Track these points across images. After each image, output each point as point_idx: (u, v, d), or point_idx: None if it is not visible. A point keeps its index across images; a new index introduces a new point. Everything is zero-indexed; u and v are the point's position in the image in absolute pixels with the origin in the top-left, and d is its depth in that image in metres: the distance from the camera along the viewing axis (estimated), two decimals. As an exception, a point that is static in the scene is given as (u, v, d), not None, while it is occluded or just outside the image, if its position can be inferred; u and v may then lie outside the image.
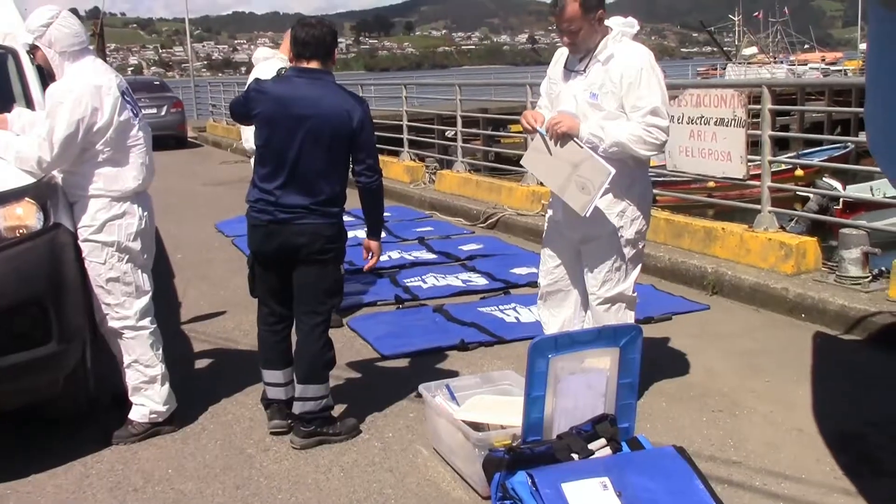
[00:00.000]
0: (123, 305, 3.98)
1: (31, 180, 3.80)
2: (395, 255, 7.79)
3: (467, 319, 5.67)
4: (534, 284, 6.56)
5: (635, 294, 4.24)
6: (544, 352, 3.20)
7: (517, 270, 7.05)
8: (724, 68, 46.48)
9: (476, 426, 3.50)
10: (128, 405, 4.10)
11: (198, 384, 4.70)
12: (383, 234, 8.61)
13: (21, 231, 3.71)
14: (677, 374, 4.70)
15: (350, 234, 8.90)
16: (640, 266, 4.23)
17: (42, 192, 3.84)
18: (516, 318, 5.76)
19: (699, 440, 3.86)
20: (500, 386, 3.97)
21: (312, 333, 3.94)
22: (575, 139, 3.90)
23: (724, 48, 58.22)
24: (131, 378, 4.06)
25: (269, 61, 5.70)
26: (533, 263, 7.25)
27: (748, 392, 4.41)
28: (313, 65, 3.87)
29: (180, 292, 6.88)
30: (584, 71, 3.98)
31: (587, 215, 3.89)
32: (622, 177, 3.92)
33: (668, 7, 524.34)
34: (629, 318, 4.20)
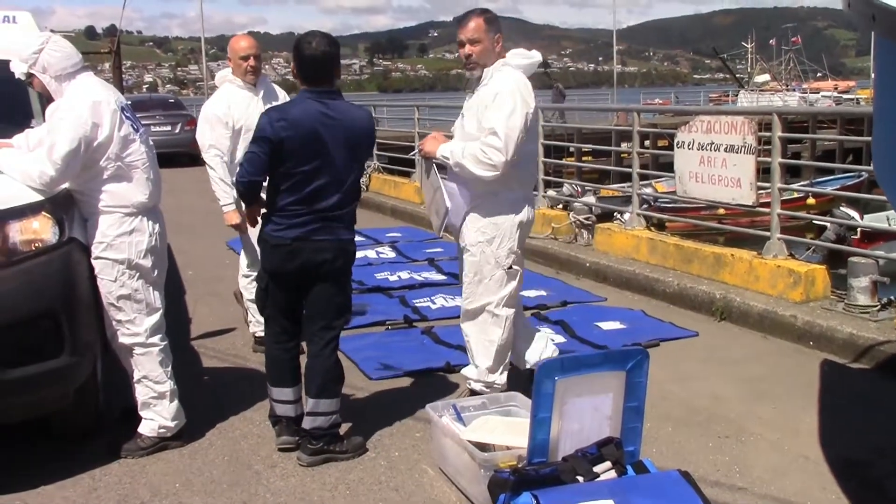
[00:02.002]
0: (134, 322, 4.02)
1: (47, 195, 3.86)
2: (404, 275, 7.82)
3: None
4: (542, 307, 6.64)
5: (502, 312, 4.33)
6: (551, 374, 3.21)
7: (525, 293, 7.04)
8: (737, 95, 46.56)
9: (482, 447, 3.52)
10: (137, 419, 4.13)
11: (206, 400, 4.73)
12: (393, 255, 8.78)
13: (36, 245, 3.77)
14: (684, 398, 4.70)
15: (359, 253, 8.96)
16: (511, 286, 4.33)
17: (58, 206, 3.89)
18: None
19: (705, 465, 3.86)
20: (507, 407, 3.98)
21: (326, 349, 3.98)
22: (435, 163, 4.28)
23: (737, 75, 58.34)
24: (141, 393, 4.09)
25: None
26: (541, 286, 7.30)
27: (755, 418, 4.41)
28: (325, 87, 3.92)
29: (190, 308, 6.93)
30: (474, 93, 4.29)
31: (439, 235, 4.20)
32: (487, 195, 4.21)
33: (681, 34, 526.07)
34: (492, 334, 4.34)
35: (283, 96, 5.55)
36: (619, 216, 9.22)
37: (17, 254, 3.69)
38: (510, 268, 4.33)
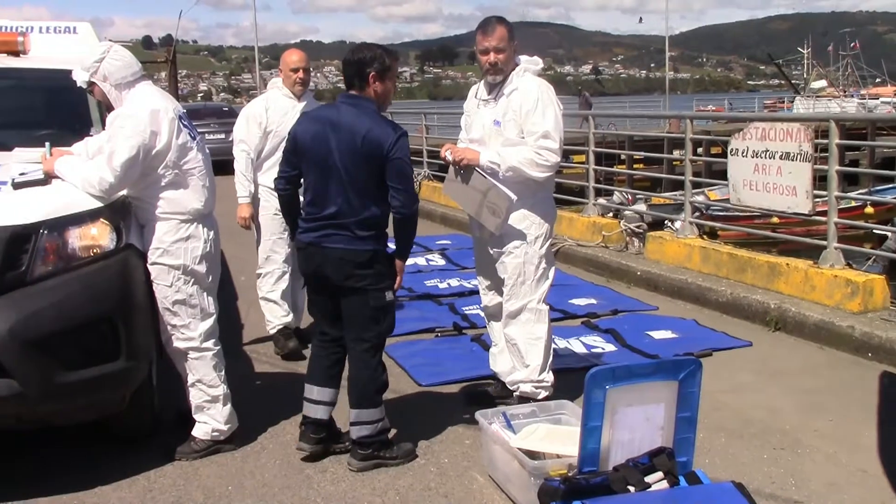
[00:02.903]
0: (189, 327, 4.08)
1: (105, 202, 3.95)
2: (454, 282, 7.83)
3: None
4: (592, 315, 6.59)
5: (543, 307, 4.48)
6: (601, 382, 3.19)
7: (576, 301, 7.03)
8: (793, 101, 45.75)
9: (532, 455, 3.51)
10: (191, 423, 4.19)
11: (259, 404, 4.78)
12: (443, 262, 8.79)
13: (95, 251, 3.85)
14: (737, 409, 4.63)
15: (409, 260, 8.98)
16: (548, 282, 4.50)
17: (116, 213, 3.98)
18: (566, 347, 5.73)
19: (759, 477, 3.80)
20: (556, 415, 3.97)
21: (361, 359, 4.00)
22: (477, 169, 4.32)
23: (793, 81, 57.36)
24: (195, 397, 4.16)
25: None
26: (591, 294, 7.25)
27: (811, 431, 4.33)
28: (353, 91, 3.98)
29: (243, 314, 7.02)
30: (494, 101, 4.41)
31: (499, 233, 4.36)
32: (526, 197, 4.35)
33: (735, 40, 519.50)
34: (538, 330, 4.45)
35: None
36: (670, 224, 9.14)
37: (76, 259, 3.78)
38: (548, 265, 4.47)
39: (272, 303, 5.85)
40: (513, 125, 4.31)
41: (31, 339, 3.50)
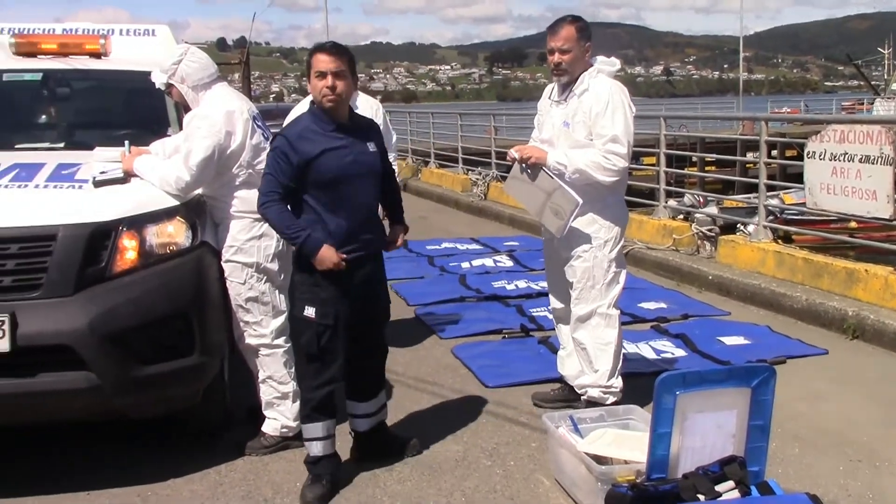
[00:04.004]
0: (261, 324, 4.15)
1: (182, 200, 4.04)
2: (521, 284, 7.80)
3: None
4: (662, 319, 6.50)
5: (613, 312, 4.41)
6: (672, 388, 3.15)
7: (645, 305, 6.94)
8: (872, 103, 44.40)
9: (599, 459, 3.47)
10: (261, 418, 4.26)
11: (326, 402, 4.82)
12: (511, 263, 8.77)
13: (171, 248, 3.95)
14: (813, 419, 4.51)
15: (476, 262, 9.00)
16: (619, 287, 4.43)
17: (191, 211, 4.07)
18: (635, 351, 5.66)
19: (835, 490, 3.69)
20: (625, 420, 3.92)
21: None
22: (545, 169, 4.27)
23: (872, 82, 55.71)
24: (265, 393, 4.22)
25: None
26: (661, 298, 7.15)
27: (891, 442, 4.19)
28: None
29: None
30: (565, 102, 4.35)
31: (561, 236, 4.31)
32: (595, 200, 4.28)
33: (812, 40, 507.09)
34: (608, 335, 4.39)
35: (367, 111, 5.54)
36: (743, 228, 8.95)
37: (153, 256, 3.88)
38: (618, 269, 4.41)
39: None
40: (582, 126, 4.27)
41: (109, 333, 3.60)
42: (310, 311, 3.69)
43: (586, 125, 4.25)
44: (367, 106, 5.63)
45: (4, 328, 3.47)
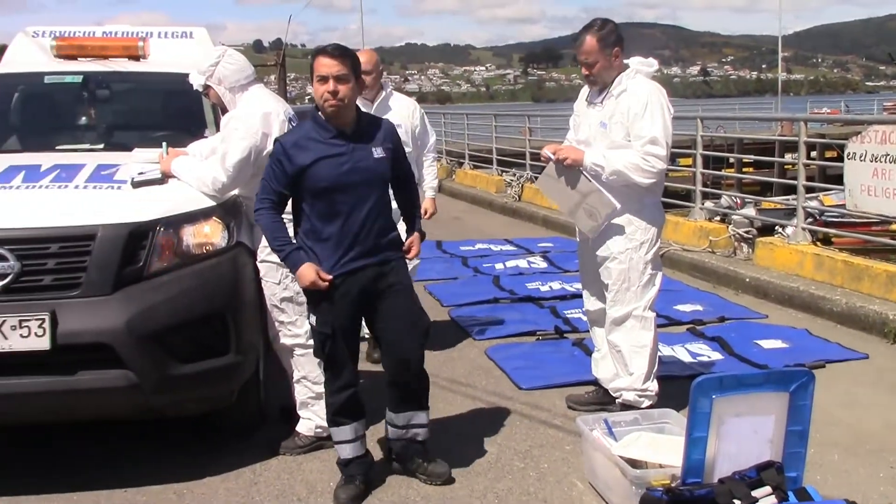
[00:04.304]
0: (296, 324, 4.17)
1: (218, 201, 4.08)
2: (556, 285, 7.77)
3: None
4: (698, 322, 6.44)
5: (649, 314, 4.37)
6: (708, 392, 3.11)
7: (681, 307, 6.88)
8: (915, 103, 43.62)
9: (633, 463, 3.45)
10: (295, 418, 4.28)
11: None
12: (545, 264, 8.74)
13: (208, 248, 3.99)
14: (852, 424, 4.44)
15: (510, 263, 8.98)
16: (654, 289, 4.39)
17: (227, 212, 4.11)
18: (671, 354, 5.61)
19: (875, 497, 3.63)
20: (660, 424, 3.89)
21: None
22: (582, 171, 4.25)
23: (915, 82, 54.65)
24: (299, 393, 4.25)
25: None
26: (697, 300, 7.08)
27: (932, 449, 4.11)
28: None
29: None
30: (601, 103, 4.32)
31: (594, 237, 4.32)
32: (632, 201, 4.25)
33: (853, 39, 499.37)
34: (643, 338, 4.35)
35: (403, 112, 5.58)
36: (781, 230, 8.85)
37: (190, 256, 3.92)
38: (654, 271, 4.37)
39: None
40: (619, 128, 4.23)
41: (146, 332, 3.65)
42: (312, 319, 3.71)
43: (624, 126, 4.22)
44: (403, 107, 5.63)
45: (45, 326, 3.52)
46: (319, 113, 3.62)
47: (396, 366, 3.78)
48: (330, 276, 3.57)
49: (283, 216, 3.72)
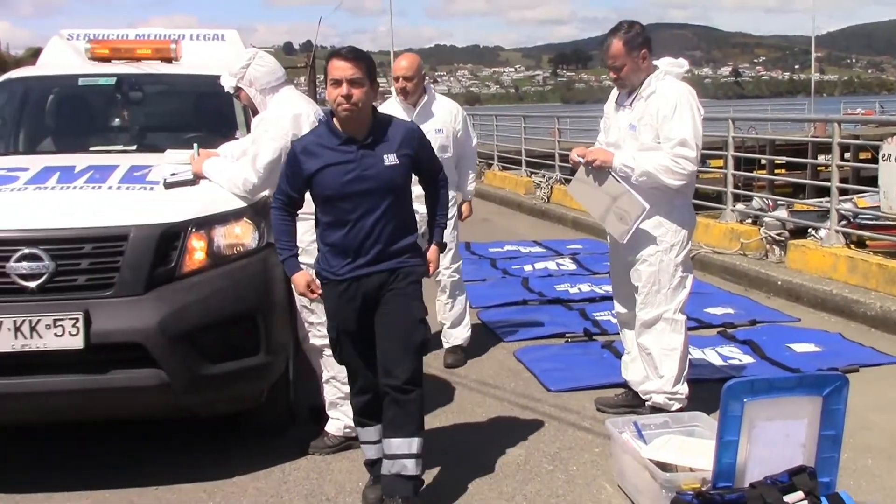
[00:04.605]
0: (325, 325, 4.18)
1: (249, 202, 4.11)
2: (585, 287, 7.74)
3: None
4: (729, 325, 6.38)
5: (680, 317, 4.34)
6: (739, 395, 3.08)
7: (712, 310, 6.82)
8: (951, 104, 42.98)
9: (663, 466, 3.42)
10: (324, 418, 4.30)
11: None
12: (574, 266, 8.71)
13: (238, 249, 4.02)
14: (887, 429, 4.38)
15: (539, 265, 8.96)
16: (685, 291, 4.36)
17: (258, 213, 4.14)
18: (701, 357, 5.56)
19: (910, 503, 3.58)
20: (690, 427, 3.85)
21: None
22: (612, 173, 4.22)
23: (951, 82, 53.84)
24: (329, 393, 4.26)
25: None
26: (728, 303, 7.02)
27: (968, 456, 4.05)
28: None
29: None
30: (630, 105, 4.30)
31: (625, 242, 4.26)
32: (662, 203, 4.23)
33: (888, 39, 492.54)
34: (673, 341, 4.32)
35: (445, 116, 5.56)
36: (814, 232, 8.75)
37: (221, 257, 3.95)
38: (685, 274, 4.34)
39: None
40: (649, 129, 4.21)
41: (178, 331, 3.68)
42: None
43: (653, 128, 4.19)
44: (446, 111, 5.59)
45: (78, 326, 3.56)
46: (333, 118, 3.52)
47: (382, 374, 3.55)
48: (320, 291, 3.61)
49: (305, 215, 3.73)
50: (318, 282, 3.61)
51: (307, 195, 3.60)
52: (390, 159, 3.49)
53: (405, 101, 5.45)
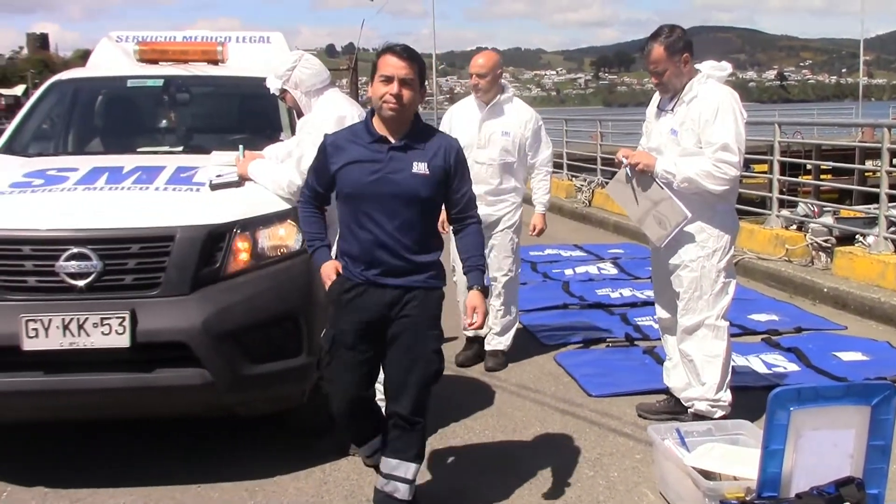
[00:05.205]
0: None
1: (293, 204, 4.13)
2: (626, 292, 7.69)
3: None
4: (773, 332, 6.30)
5: (722, 324, 4.29)
6: (785, 404, 3.04)
7: (755, 316, 6.73)
8: None
9: (707, 474, 3.39)
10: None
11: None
12: (615, 271, 8.65)
13: (282, 250, 4.05)
14: (936, 441, 4.28)
15: (580, 269, 8.90)
16: (728, 297, 4.30)
17: (302, 215, 4.16)
18: (745, 365, 5.49)
19: (960, 517, 3.49)
20: (734, 435, 3.81)
21: None
22: (655, 179, 4.18)
23: None
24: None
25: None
26: (772, 310, 6.93)
27: None
28: None
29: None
30: (672, 110, 4.26)
31: (662, 246, 4.25)
32: (704, 208, 4.18)
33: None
34: (716, 348, 4.27)
35: (515, 121, 5.52)
36: (861, 239, 8.59)
37: (264, 258, 3.98)
38: (727, 279, 4.28)
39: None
40: (690, 134, 4.16)
41: (222, 331, 3.72)
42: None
43: (695, 132, 4.14)
44: (517, 115, 5.55)
45: (125, 325, 3.61)
46: (374, 116, 3.37)
47: (389, 398, 3.48)
48: (336, 280, 3.43)
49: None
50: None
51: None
52: (419, 168, 3.31)
53: (481, 98, 5.50)
